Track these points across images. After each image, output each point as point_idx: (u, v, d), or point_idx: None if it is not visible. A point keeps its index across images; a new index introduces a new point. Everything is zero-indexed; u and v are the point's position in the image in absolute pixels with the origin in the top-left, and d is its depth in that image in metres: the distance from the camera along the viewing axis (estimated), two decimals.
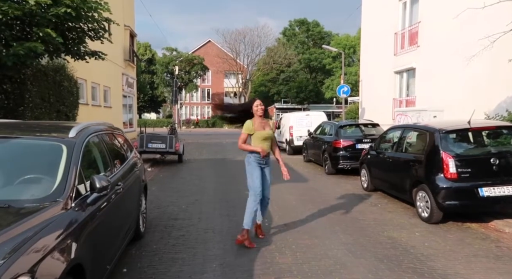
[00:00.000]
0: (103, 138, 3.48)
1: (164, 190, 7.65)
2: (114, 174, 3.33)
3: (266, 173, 4.54)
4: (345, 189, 7.75)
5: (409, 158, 5.88)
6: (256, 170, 4.42)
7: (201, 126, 51.68)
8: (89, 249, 2.38)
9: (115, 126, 4.68)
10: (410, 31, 14.05)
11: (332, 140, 9.63)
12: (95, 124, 3.61)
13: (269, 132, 4.45)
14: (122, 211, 3.46)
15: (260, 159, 4.42)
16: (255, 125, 4.37)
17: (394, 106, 15.06)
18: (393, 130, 6.89)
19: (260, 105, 4.39)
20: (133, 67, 22.59)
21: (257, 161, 4.44)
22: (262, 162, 4.45)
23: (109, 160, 3.38)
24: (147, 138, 11.28)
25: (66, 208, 2.30)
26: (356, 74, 45.01)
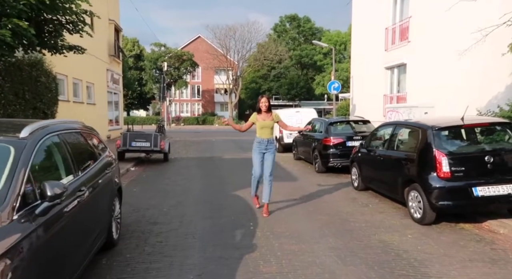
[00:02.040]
0: (65, 139, 3.12)
1: (146, 191, 7.30)
2: (77, 179, 2.98)
3: (267, 157, 5.54)
4: (335, 189, 7.50)
5: (401, 156, 5.64)
6: (258, 155, 5.54)
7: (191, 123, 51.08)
8: (38, 268, 2.04)
9: (86, 124, 4.31)
10: (401, 26, 13.85)
11: (322, 137, 9.36)
12: (58, 123, 3.26)
13: (267, 123, 5.50)
14: (87, 219, 3.12)
15: (261, 145, 5.52)
16: (258, 117, 5.50)
17: (385, 102, 14.90)
18: (384, 127, 6.65)
19: (265, 102, 5.49)
20: (118, 62, 22.01)
21: (258, 148, 5.54)
22: (262, 148, 5.52)
23: (73, 163, 3.03)
24: (131, 137, 10.87)
25: (5, 221, 1.95)
26: (347, 70, 44.90)
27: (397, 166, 5.66)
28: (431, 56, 11.90)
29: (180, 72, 49.72)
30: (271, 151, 5.55)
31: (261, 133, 5.49)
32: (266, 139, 5.51)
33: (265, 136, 5.50)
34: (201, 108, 59.68)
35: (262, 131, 5.48)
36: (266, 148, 5.50)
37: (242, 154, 13.77)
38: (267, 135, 5.52)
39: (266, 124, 5.49)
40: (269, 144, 5.52)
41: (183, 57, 48.98)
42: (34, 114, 9.95)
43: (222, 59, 49.74)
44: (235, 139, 21.16)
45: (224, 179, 8.58)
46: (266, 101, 5.46)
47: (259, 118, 5.48)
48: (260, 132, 5.50)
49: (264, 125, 5.48)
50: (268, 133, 5.52)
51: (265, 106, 5.43)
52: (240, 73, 51.55)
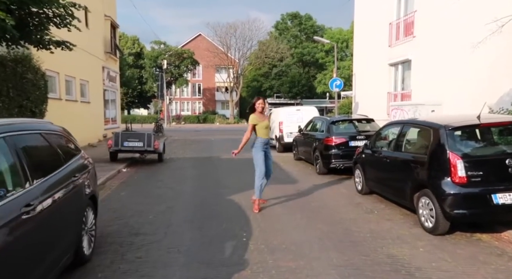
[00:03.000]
0: (17, 142, 2.62)
1: (134, 195, 6.81)
2: (25, 191, 2.48)
3: (268, 155, 5.96)
4: (337, 192, 6.99)
5: (410, 158, 5.12)
6: (260, 153, 5.84)
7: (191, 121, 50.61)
8: None
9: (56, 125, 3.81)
10: (406, 21, 13.29)
11: (323, 137, 8.84)
12: (11, 123, 2.75)
13: (265, 123, 5.89)
14: (42, 235, 2.62)
15: (264, 145, 5.87)
16: (258, 118, 5.79)
17: (389, 100, 14.35)
18: (391, 126, 6.13)
19: (262, 103, 5.80)
20: (115, 60, 21.51)
21: (261, 147, 5.85)
22: (264, 147, 5.88)
23: (22, 171, 2.53)
24: (123, 136, 10.38)
25: None
26: (349, 68, 44.27)
27: (405, 169, 5.15)
28: (437, 51, 11.35)
29: (180, 70, 49.24)
30: (269, 150, 5.98)
31: (265, 133, 5.84)
32: (266, 139, 5.91)
33: (265, 135, 5.87)
34: (202, 107, 59.20)
35: (265, 131, 5.85)
36: (266, 146, 5.91)
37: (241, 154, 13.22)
38: (266, 135, 5.89)
39: (267, 125, 5.91)
40: (268, 144, 5.99)
41: (184, 55, 48.51)
42: (20, 112, 9.47)
43: (222, 57, 49.22)
44: (234, 138, 20.64)
45: (220, 181, 8.08)
46: (262, 103, 5.84)
47: (259, 119, 5.78)
48: (263, 132, 5.81)
49: (266, 125, 5.87)
50: (267, 133, 5.91)
51: (261, 107, 5.78)
52: (241, 71, 51.01)
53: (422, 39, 12.16)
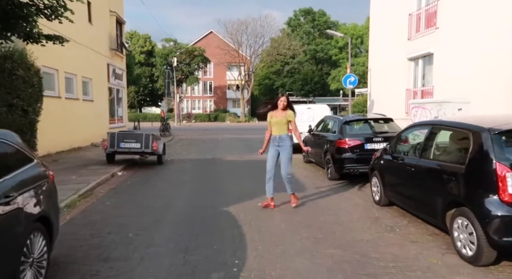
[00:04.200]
0: None
1: (120, 205, 6.06)
2: None
3: (281, 153, 5.60)
4: (351, 203, 6.09)
5: (441, 168, 4.19)
6: (271, 150, 5.71)
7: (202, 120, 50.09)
8: None
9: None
10: (427, 11, 12.18)
11: (335, 138, 7.93)
12: None
13: (278, 119, 5.57)
14: None
15: (273, 142, 5.66)
16: (272, 113, 5.64)
17: (408, 97, 13.27)
18: (416, 128, 5.18)
19: (284, 101, 5.58)
20: (121, 57, 20.95)
21: (271, 143, 5.71)
22: (275, 144, 5.64)
23: None
24: (119, 137, 9.68)
25: None
26: (363, 65, 42.89)
27: (435, 180, 4.22)
28: (463, 43, 10.25)
29: (191, 68, 48.74)
30: (284, 148, 5.58)
31: (273, 129, 5.63)
32: (277, 135, 5.58)
33: (276, 132, 5.57)
34: (213, 105, 58.65)
35: (274, 128, 5.61)
36: (279, 144, 5.58)
37: (247, 155, 12.46)
38: (279, 131, 5.57)
39: (277, 121, 5.57)
40: (281, 141, 5.58)
41: (195, 53, 47.96)
42: (10, 112, 8.89)
43: (234, 54, 48.48)
44: (243, 138, 19.88)
45: (219, 188, 7.28)
46: (285, 100, 5.55)
47: (272, 115, 5.61)
48: (275, 128, 5.61)
49: (275, 121, 5.58)
50: (280, 129, 5.56)
51: (283, 104, 5.53)
52: (253, 68, 50.16)
53: (446, 30, 11.06)
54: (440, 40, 11.31)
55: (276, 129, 5.58)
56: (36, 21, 8.52)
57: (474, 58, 9.80)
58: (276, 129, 5.58)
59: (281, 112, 5.57)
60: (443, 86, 11.10)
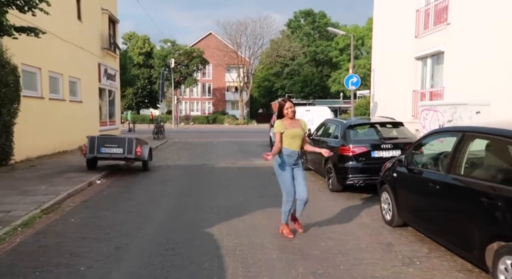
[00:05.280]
0: None
1: (85, 223, 5.14)
2: None
3: (298, 174, 4.59)
4: (357, 223, 5.17)
5: (479, 187, 3.27)
6: (287, 171, 4.55)
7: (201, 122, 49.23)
8: None
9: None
10: (437, 6, 11.31)
11: (338, 145, 7.01)
12: None
13: (297, 131, 4.54)
14: None
15: (290, 159, 4.53)
16: (286, 124, 4.53)
17: (415, 99, 12.38)
18: (439, 135, 4.26)
19: (291, 107, 4.54)
20: (114, 57, 20.08)
21: (287, 161, 4.54)
22: (291, 161, 4.55)
23: None
24: (99, 141, 8.77)
25: None
26: (364, 67, 42.04)
27: (470, 204, 3.30)
28: (478, 40, 9.36)
29: (189, 70, 47.97)
30: (299, 166, 4.61)
31: (291, 143, 4.52)
32: (296, 151, 4.56)
33: (296, 147, 4.56)
34: (211, 107, 57.84)
35: (293, 142, 4.52)
36: (296, 162, 4.57)
37: (241, 160, 11.55)
38: (296, 146, 4.56)
39: (297, 133, 4.54)
40: (299, 158, 4.60)
41: (193, 54, 47.21)
42: None
43: (233, 55, 47.73)
44: (239, 141, 18.98)
45: (204, 203, 6.35)
46: (293, 106, 4.57)
47: (287, 126, 4.53)
48: (289, 143, 4.52)
49: (295, 134, 4.53)
50: (297, 143, 4.56)
51: (292, 112, 4.55)
52: (252, 70, 49.36)
53: (458, 26, 10.18)
54: (452, 37, 10.43)
55: (295, 143, 4.54)
56: (7, 12, 7.67)
57: (491, 56, 8.91)
58: (295, 143, 4.54)
59: (294, 122, 4.56)
60: (455, 87, 10.20)
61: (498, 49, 8.67)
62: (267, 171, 9.50)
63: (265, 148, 15.01)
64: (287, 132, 4.49)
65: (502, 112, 7.69)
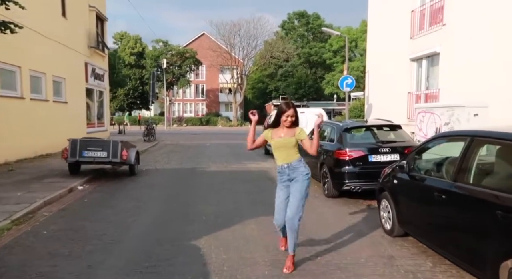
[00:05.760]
0: None
1: (59, 236, 4.70)
2: None
3: (295, 189, 3.63)
4: (355, 232, 4.82)
5: (492, 198, 2.94)
6: (280, 192, 3.73)
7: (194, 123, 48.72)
8: None
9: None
10: (432, 6, 11.08)
11: (334, 148, 6.68)
12: None
13: (283, 141, 3.61)
14: None
15: (281, 175, 3.68)
16: (274, 133, 3.69)
17: (410, 101, 12.15)
18: (445, 139, 3.93)
19: (292, 116, 3.57)
20: (102, 56, 19.56)
21: (279, 179, 3.72)
22: (284, 178, 3.68)
23: None
24: (82, 144, 8.32)
25: None
26: (358, 69, 41.95)
27: (481, 216, 2.97)
28: (475, 40, 9.13)
29: (182, 70, 47.47)
30: (298, 180, 3.62)
31: (278, 155, 3.69)
32: (285, 164, 3.64)
33: (283, 160, 3.65)
34: (205, 108, 57.36)
35: (280, 153, 3.67)
36: (290, 177, 3.65)
37: (234, 164, 11.18)
38: (286, 158, 3.63)
39: (283, 143, 3.61)
40: (292, 171, 3.64)
41: (186, 55, 46.74)
42: None
43: (226, 56, 47.37)
44: (231, 144, 18.59)
45: (191, 211, 5.96)
46: (293, 114, 3.56)
47: (274, 135, 3.67)
48: (276, 155, 3.72)
49: (279, 144, 3.63)
50: (287, 154, 3.63)
51: (290, 122, 3.58)
52: (245, 71, 49.03)
53: (454, 27, 9.95)
54: (448, 38, 10.19)
55: (280, 155, 3.64)
56: None
57: (488, 56, 8.67)
58: (280, 155, 3.64)
59: (287, 130, 3.62)
60: (450, 88, 9.96)
61: (496, 50, 8.43)
62: (260, 175, 9.15)
63: (258, 151, 14.63)
64: (272, 142, 3.65)
65: (500, 114, 7.45)
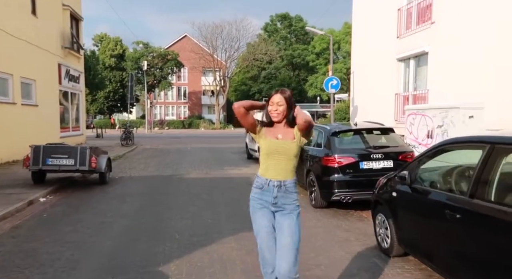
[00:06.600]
0: None
1: (3, 262, 3.96)
2: None
3: (284, 225, 2.45)
4: (347, 249, 4.28)
5: None
6: (261, 217, 2.51)
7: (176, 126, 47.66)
8: None
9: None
10: (420, 4, 10.77)
11: (321, 154, 6.14)
12: None
13: (284, 144, 2.46)
14: None
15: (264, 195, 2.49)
16: (267, 131, 2.54)
17: (397, 103, 11.81)
18: (456, 146, 3.40)
19: (278, 104, 2.51)
20: (78, 57, 18.57)
21: (259, 199, 2.52)
22: (268, 199, 2.49)
23: None
24: (46, 151, 7.52)
25: None
26: (341, 71, 41.95)
27: (506, 242, 2.45)
28: (465, 39, 8.81)
29: (164, 73, 46.50)
30: (288, 211, 2.51)
31: (268, 166, 2.53)
32: (275, 181, 2.50)
33: (274, 174, 2.51)
34: (187, 111, 56.35)
35: (270, 163, 2.52)
36: (276, 201, 2.50)
37: (214, 170, 10.53)
38: (280, 173, 2.50)
39: (279, 148, 2.49)
40: (282, 195, 2.50)
41: (168, 57, 45.81)
42: None
43: (209, 58, 46.61)
44: (213, 148, 17.90)
45: (165, 225, 5.30)
46: (283, 103, 2.54)
47: (267, 133, 2.56)
48: (265, 165, 2.55)
49: (274, 148, 2.50)
50: (283, 168, 2.51)
51: (277, 113, 2.53)
52: (228, 73, 48.41)
53: (443, 25, 9.64)
54: (437, 37, 9.87)
55: (275, 166, 2.51)
56: None
57: (479, 55, 8.36)
58: (275, 166, 2.51)
59: (286, 130, 2.54)
60: (440, 89, 9.63)
61: (487, 49, 8.13)
62: (241, 182, 8.54)
63: (240, 155, 14.04)
64: (264, 142, 2.53)
65: (492, 115, 7.12)
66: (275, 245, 2.48)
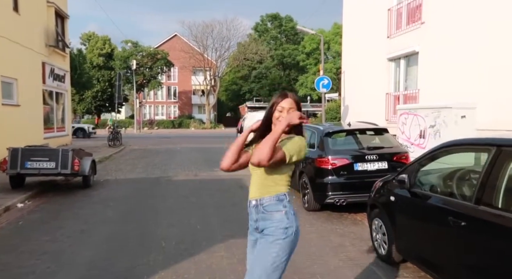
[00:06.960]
0: None
1: None
2: None
3: (258, 249, 2.07)
4: (342, 256, 4.07)
5: None
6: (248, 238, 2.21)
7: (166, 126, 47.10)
8: None
9: None
10: (410, 4, 10.69)
11: (314, 156, 5.93)
12: None
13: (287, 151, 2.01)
14: None
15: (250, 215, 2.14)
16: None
17: (388, 102, 11.72)
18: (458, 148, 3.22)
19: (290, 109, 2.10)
20: (63, 56, 18.04)
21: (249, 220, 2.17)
22: (252, 224, 2.14)
23: None
24: (25, 154, 7.14)
25: None
26: (331, 71, 42.02)
27: None
28: (455, 39, 8.73)
29: (153, 72, 45.91)
30: (267, 236, 2.06)
31: (252, 182, 2.17)
32: (253, 200, 2.12)
33: (252, 191, 2.14)
34: (177, 111, 55.78)
35: (255, 179, 2.15)
36: (257, 226, 2.12)
37: (204, 171, 10.26)
38: (258, 188, 2.12)
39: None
40: (261, 217, 2.10)
41: (157, 56, 45.24)
42: None
43: (199, 58, 46.21)
44: (204, 148, 17.59)
45: (151, 232, 5.02)
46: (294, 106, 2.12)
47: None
48: (252, 180, 2.18)
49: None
50: (260, 182, 2.11)
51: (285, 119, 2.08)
52: (219, 73, 48.06)
53: (434, 25, 9.55)
54: (427, 36, 9.79)
55: (253, 181, 2.17)
56: None
57: (470, 55, 8.28)
58: (253, 181, 2.17)
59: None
60: (430, 89, 9.54)
61: (477, 48, 8.05)
62: (232, 184, 8.29)
63: None
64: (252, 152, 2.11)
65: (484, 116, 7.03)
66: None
